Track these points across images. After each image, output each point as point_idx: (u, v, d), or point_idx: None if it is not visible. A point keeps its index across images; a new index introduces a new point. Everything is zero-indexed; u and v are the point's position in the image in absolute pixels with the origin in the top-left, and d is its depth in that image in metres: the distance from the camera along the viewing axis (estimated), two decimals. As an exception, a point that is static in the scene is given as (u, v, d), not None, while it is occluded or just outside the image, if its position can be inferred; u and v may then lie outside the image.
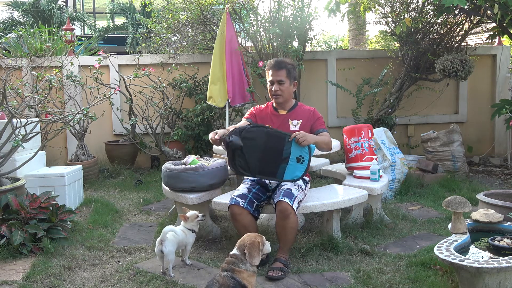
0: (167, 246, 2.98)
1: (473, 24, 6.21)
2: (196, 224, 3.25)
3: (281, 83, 3.37)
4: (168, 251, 2.98)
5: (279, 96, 3.39)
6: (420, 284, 2.84)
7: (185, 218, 3.21)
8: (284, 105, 3.46)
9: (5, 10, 13.11)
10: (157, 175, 5.88)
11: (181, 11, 6.52)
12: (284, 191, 3.14)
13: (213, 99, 5.62)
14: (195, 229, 3.23)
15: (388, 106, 6.27)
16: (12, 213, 3.48)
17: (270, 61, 3.53)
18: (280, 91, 3.37)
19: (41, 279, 2.97)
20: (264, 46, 6.10)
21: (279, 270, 2.98)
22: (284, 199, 3.07)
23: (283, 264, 3.03)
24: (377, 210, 3.99)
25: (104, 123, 6.48)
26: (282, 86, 3.37)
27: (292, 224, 3.07)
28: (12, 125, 3.96)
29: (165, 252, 2.97)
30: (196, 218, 3.22)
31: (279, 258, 3.07)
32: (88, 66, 6.10)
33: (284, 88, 3.38)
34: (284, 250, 3.14)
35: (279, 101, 3.42)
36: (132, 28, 12.14)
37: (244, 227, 3.09)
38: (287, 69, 3.38)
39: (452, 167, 5.62)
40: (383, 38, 7.18)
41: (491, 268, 2.35)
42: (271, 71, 3.40)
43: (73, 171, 4.65)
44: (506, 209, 3.16)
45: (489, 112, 6.29)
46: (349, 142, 4.33)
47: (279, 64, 3.39)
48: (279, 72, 3.36)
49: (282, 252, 3.12)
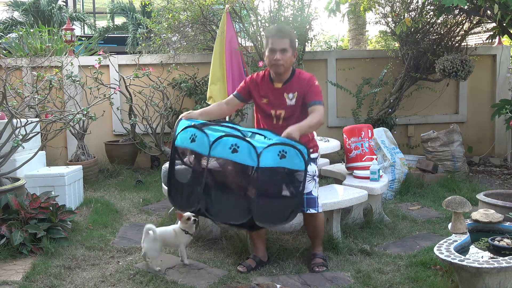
0: (145, 243, 3.10)
1: (473, 24, 6.21)
2: (191, 226, 3.20)
3: (284, 51, 3.06)
4: (146, 248, 3.09)
5: (281, 65, 3.07)
6: (420, 284, 2.84)
7: (180, 216, 3.19)
8: (282, 76, 3.15)
9: (5, 10, 13.09)
10: (157, 175, 5.88)
11: (181, 11, 6.52)
12: (306, 199, 3.05)
13: (213, 99, 5.61)
14: (189, 230, 3.19)
15: (388, 106, 6.27)
16: (12, 213, 3.48)
17: (271, 28, 3.32)
18: (282, 60, 3.06)
19: (41, 279, 2.97)
20: (264, 46, 6.09)
21: (322, 265, 3.13)
22: (309, 210, 3.08)
23: (322, 259, 3.18)
24: (377, 210, 3.99)
25: (104, 123, 6.48)
26: (284, 55, 3.06)
27: (320, 221, 3.20)
28: (12, 125, 3.96)
29: (144, 249, 3.10)
30: (189, 220, 3.17)
31: (318, 254, 3.22)
32: (88, 66, 6.10)
33: (286, 58, 3.07)
34: (318, 245, 3.26)
35: (280, 70, 3.10)
36: (132, 28, 12.13)
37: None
38: (290, 38, 3.10)
39: (452, 167, 5.61)
40: (383, 38, 7.18)
41: (491, 268, 2.35)
42: (271, 39, 3.08)
43: (73, 171, 4.65)
44: (506, 209, 3.16)
45: (489, 112, 6.29)
46: (349, 142, 4.33)
47: (282, 32, 3.11)
48: (282, 41, 3.06)
49: (317, 248, 3.26)
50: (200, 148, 2.72)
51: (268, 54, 3.11)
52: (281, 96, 3.14)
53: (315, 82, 3.13)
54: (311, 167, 3.08)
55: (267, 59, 3.13)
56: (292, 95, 3.12)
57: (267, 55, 3.12)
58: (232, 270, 3.09)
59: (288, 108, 3.11)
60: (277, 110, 3.13)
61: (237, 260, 3.25)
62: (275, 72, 3.14)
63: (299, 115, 3.09)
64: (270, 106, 3.16)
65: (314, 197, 3.09)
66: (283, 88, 3.15)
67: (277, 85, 3.17)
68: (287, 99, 3.12)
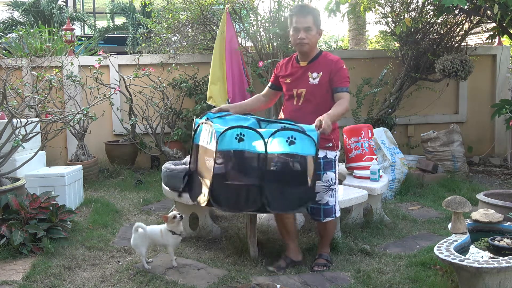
0: (132, 240, 3.17)
1: (473, 24, 6.22)
2: (177, 225, 3.16)
3: (308, 30, 2.99)
4: (133, 245, 3.18)
5: (306, 44, 3.01)
6: (420, 284, 2.84)
7: (165, 218, 3.18)
8: (308, 54, 3.08)
9: (5, 10, 13.09)
10: (157, 175, 5.88)
11: (181, 11, 6.52)
12: (323, 209, 3.04)
13: (213, 99, 5.62)
14: (175, 230, 3.16)
15: (388, 106, 6.27)
16: (12, 213, 3.48)
17: (294, 6, 3.26)
18: (307, 39, 2.99)
19: (41, 279, 2.97)
20: (264, 46, 6.10)
21: (323, 265, 3.12)
22: (326, 219, 3.06)
23: (326, 260, 3.15)
24: (377, 210, 3.99)
25: (104, 123, 6.48)
26: (309, 33, 3.00)
27: (333, 224, 3.18)
28: (12, 125, 3.96)
29: (132, 245, 3.19)
30: (174, 219, 3.15)
31: (323, 254, 3.19)
32: (88, 66, 6.10)
33: (311, 36, 3.00)
34: (326, 245, 3.23)
35: (305, 49, 3.04)
36: (132, 28, 12.12)
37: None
38: (314, 15, 3.02)
39: (452, 167, 5.62)
40: (383, 38, 7.18)
41: (491, 268, 2.35)
42: (295, 17, 3.02)
43: (73, 171, 4.65)
44: (506, 209, 3.16)
45: (489, 112, 6.29)
46: (349, 142, 4.33)
47: (306, 10, 3.03)
48: (306, 19, 2.99)
49: (324, 248, 3.22)
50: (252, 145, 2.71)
51: (293, 33, 3.05)
52: (305, 74, 3.08)
53: (343, 65, 3.03)
54: (326, 176, 3.03)
55: (291, 38, 3.09)
56: (316, 75, 3.05)
57: (292, 34, 3.07)
58: (232, 270, 3.09)
59: (310, 87, 3.04)
60: (299, 89, 3.08)
61: (237, 260, 3.25)
62: (300, 51, 3.11)
63: (321, 97, 3.02)
64: (293, 85, 3.12)
65: (330, 206, 3.06)
66: (308, 67, 3.09)
67: (302, 64, 3.12)
68: (311, 78, 3.05)
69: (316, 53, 3.10)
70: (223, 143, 2.67)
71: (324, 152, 3.02)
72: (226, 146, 2.68)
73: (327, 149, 3.03)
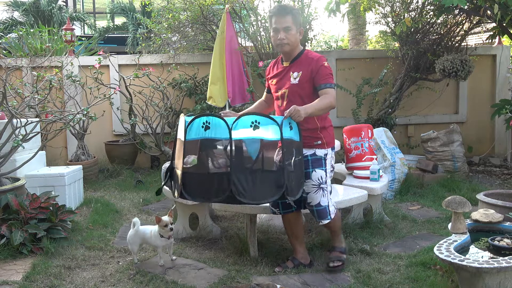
0: (128, 235, 3.26)
1: (473, 24, 6.21)
2: (166, 232, 3.14)
3: (287, 30, 2.96)
4: (127, 240, 3.26)
5: (286, 44, 2.98)
6: (420, 284, 2.84)
7: (158, 220, 3.16)
8: (290, 54, 3.05)
9: (5, 10, 13.09)
10: (157, 175, 5.88)
11: (181, 11, 6.52)
12: (316, 211, 2.99)
13: (213, 99, 5.62)
14: (164, 235, 3.15)
15: (388, 106, 6.27)
16: (12, 213, 3.49)
17: (273, 6, 3.18)
18: (286, 39, 2.96)
19: (41, 279, 2.97)
20: (264, 46, 6.10)
21: (338, 260, 3.09)
22: (322, 222, 3.03)
23: (340, 252, 3.14)
24: (377, 210, 3.99)
25: (104, 123, 6.48)
26: (288, 33, 2.96)
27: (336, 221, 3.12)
28: (12, 125, 3.96)
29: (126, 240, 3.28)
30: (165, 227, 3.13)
31: (336, 247, 3.17)
32: (88, 66, 6.10)
33: (290, 36, 2.96)
34: (336, 239, 3.20)
35: (286, 50, 3.02)
36: (132, 28, 12.13)
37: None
38: (293, 14, 2.98)
39: (452, 167, 5.61)
40: (383, 38, 7.18)
41: (491, 268, 2.35)
42: (274, 18, 2.99)
43: (73, 171, 4.65)
44: (506, 209, 3.16)
45: (489, 112, 6.29)
46: (349, 142, 4.33)
47: (284, 9, 2.99)
48: (285, 18, 2.96)
49: (337, 241, 3.20)
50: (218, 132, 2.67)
51: (273, 34, 3.03)
52: (287, 74, 3.06)
53: (324, 63, 2.97)
54: (315, 173, 2.96)
55: (272, 39, 3.06)
56: (296, 74, 3.01)
57: (272, 35, 3.05)
58: (232, 270, 3.09)
59: (291, 87, 3.01)
60: (282, 90, 3.06)
61: (237, 260, 3.25)
62: (281, 52, 3.09)
63: (303, 97, 2.97)
64: (278, 86, 3.10)
65: (323, 207, 2.99)
66: (290, 67, 3.07)
67: (285, 64, 3.10)
68: (292, 78, 3.02)
69: (298, 52, 3.06)
70: (190, 132, 2.66)
71: (313, 150, 2.99)
72: (194, 135, 2.67)
73: (316, 146, 2.99)
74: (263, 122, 2.70)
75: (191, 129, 2.66)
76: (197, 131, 2.66)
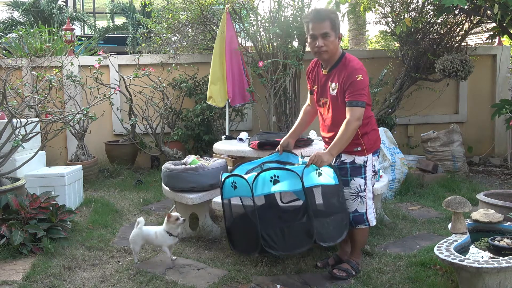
0: (131, 235, 3.27)
1: (473, 24, 6.22)
2: (177, 227, 3.20)
3: (326, 36, 2.78)
4: (130, 239, 3.27)
5: (324, 52, 2.82)
6: (420, 284, 2.84)
7: (169, 216, 3.20)
8: (328, 61, 2.89)
9: (5, 10, 13.09)
10: (157, 175, 5.88)
11: (181, 11, 6.52)
12: (352, 217, 2.92)
13: (213, 99, 5.62)
14: (172, 232, 3.19)
15: (388, 106, 6.27)
16: (12, 213, 3.48)
17: (309, 12, 3.11)
18: (325, 46, 2.79)
19: (41, 279, 2.97)
20: (264, 46, 6.10)
21: (345, 271, 2.95)
22: (359, 226, 2.96)
23: (351, 267, 2.98)
24: (377, 210, 3.99)
25: (104, 123, 6.48)
26: (327, 40, 2.79)
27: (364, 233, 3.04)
28: (12, 125, 3.96)
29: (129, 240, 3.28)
30: (177, 221, 3.18)
31: (350, 261, 3.02)
32: (88, 66, 6.10)
33: (329, 42, 2.79)
34: (355, 253, 3.06)
35: (324, 57, 2.85)
36: (132, 28, 12.13)
37: None
38: (331, 19, 2.80)
39: (452, 167, 5.61)
40: (383, 38, 7.18)
41: (491, 268, 2.35)
42: (311, 24, 2.81)
43: (73, 171, 4.65)
44: (506, 209, 3.16)
45: (489, 112, 6.29)
46: (349, 142, 4.31)
47: (321, 15, 2.81)
48: (322, 24, 2.78)
49: (355, 255, 3.05)
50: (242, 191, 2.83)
51: (310, 41, 2.85)
52: (327, 83, 2.93)
53: (357, 78, 2.77)
54: (354, 182, 2.89)
55: (309, 46, 2.90)
56: (334, 85, 2.87)
57: (309, 42, 2.87)
58: (232, 270, 3.09)
59: (331, 98, 2.90)
60: (323, 99, 2.97)
61: (237, 260, 3.25)
62: (320, 59, 2.96)
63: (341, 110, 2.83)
64: (319, 93, 3.00)
65: (360, 213, 2.93)
66: (328, 75, 2.93)
67: (324, 72, 2.96)
68: (330, 89, 2.89)
69: (336, 59, 2.89)
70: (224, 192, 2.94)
71: (352, 157, 2.89)
72: (226, 195, 2.95)
73: (355, 153, 2.87)
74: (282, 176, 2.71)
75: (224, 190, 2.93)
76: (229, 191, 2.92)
